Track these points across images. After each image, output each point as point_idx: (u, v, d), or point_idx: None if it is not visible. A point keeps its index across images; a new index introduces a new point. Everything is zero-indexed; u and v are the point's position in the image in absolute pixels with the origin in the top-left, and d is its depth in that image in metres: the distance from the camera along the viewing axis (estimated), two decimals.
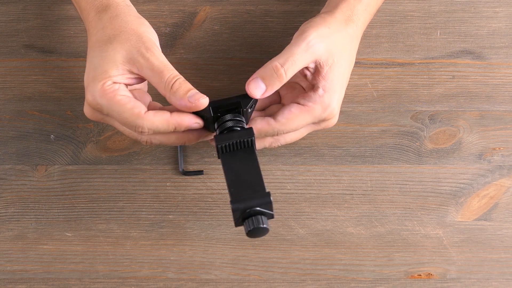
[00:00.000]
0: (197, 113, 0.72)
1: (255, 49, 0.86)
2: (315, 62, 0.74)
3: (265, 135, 0.75)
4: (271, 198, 0.69)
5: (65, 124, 0.84)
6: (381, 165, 0.84)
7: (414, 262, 0.82)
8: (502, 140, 0.84)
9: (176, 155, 0.84)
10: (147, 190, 0.83)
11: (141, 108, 0.71)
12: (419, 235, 0.83)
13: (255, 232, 0.69)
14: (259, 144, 0.76)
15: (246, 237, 0.83)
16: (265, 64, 0.73)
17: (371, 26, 0.85)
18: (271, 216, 0.70)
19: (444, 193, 0.83)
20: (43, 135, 0.84)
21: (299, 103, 0.74)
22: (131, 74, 0.72)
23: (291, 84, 0.78)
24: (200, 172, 0.83)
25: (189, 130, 0.73)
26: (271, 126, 0.74)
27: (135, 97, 0.73)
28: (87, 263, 0.82)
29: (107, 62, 0.72)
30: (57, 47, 0.85)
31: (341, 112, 0.84)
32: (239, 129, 0.73)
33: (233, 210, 0.69)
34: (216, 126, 0.73)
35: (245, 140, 0.72)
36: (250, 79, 0.73)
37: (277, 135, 0.75)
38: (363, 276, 0.82)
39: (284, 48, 0.74)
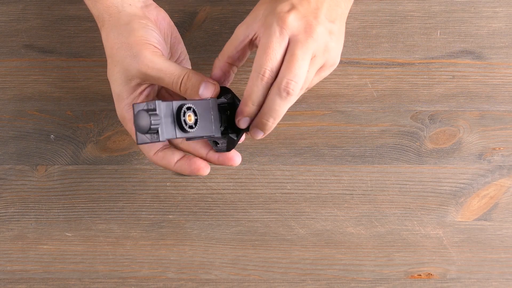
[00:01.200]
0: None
1: (255, 49, 0.85)
2: (254, 32, 0.74)
3: (257, 78, 0.72)
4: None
5: (65, 124, 0.84)
6: (381, 165, 0.84)
7: (414, 262, 0.82)
8: (502, 140, 0.84)
9: None
10: (147, 190, 0.83)
11: (151, 149, 0.74)
12: (419, 235, 0.83)
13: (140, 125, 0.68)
14: (275, 95, 0.72)
15: (246, 237, 0.83)
16: None
17: (371, 26, 0.85)
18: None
19: (444, 193, 0.83)
20: (43, 135, 0.84)
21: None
22: (143, 86, 0.74)
23: None
24: None
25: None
26: (254, 65, 0.72)
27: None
28: (87, 263, 0.82)
29: (118, 85, 0.74)
30: (57, 47, 0.85)
31: (341, 112, 0.84)
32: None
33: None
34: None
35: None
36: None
37: (269, 71, 0.71)
38: (363, 276, 0.82)
39: None
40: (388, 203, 0.83)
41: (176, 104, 0.70)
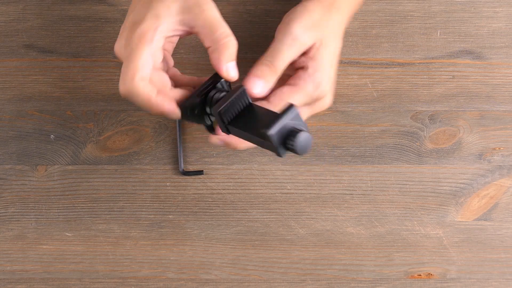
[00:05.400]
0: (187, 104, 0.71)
1: (255, 49, 0.86)
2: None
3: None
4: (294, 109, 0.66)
5: (65, 124, 0.84)
6: (381, 165, 0.84)
7: (414, 262, 0.82)
8: (502, 140, 0.84)
9: (176, 155, 0.84)
10: (147, 190, 0.83)
11: (153, 92, 0.69)
12: (419, 235, 0.83)
13: (304, 145, 0.66)
14: None
15: (246, 237, 0.83)
16: (256, 64, 0.73)
17: (371, 26, 0.85)
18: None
19: (444, 193, 0.83)
20: (43, 135, 0.84)
21: (289, 84, 0.73)
22: (180, 26, 0.71)
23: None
24: (200, 172, 0.83)
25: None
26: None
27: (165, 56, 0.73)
28: (87, 263, 0.82)
29: (166, 6, 0.70)
30: (57, 47, 0.85)
31: (341, 112, 0.84)
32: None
33: (271, 137, 0.65)
34: (208, 110, 0.72)
35: (241, 97, 0.69)
36: (247, 79, 0.72)
37: None
38: (363, 276, 0.82)
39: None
40: (388, 203, 0.83)
41: None
